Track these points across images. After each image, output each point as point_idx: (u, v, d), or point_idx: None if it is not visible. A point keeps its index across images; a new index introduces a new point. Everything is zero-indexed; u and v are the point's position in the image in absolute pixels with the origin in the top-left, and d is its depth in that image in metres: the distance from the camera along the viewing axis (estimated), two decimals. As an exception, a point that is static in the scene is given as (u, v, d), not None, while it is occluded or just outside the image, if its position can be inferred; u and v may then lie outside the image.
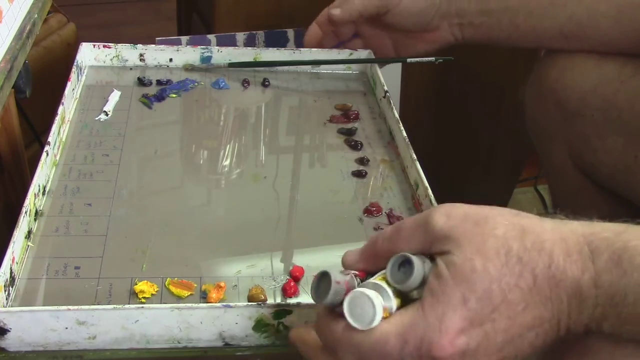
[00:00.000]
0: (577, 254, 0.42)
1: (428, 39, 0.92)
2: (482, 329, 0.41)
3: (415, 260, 0.43)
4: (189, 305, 0.56)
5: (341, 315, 0.44)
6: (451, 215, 0.43)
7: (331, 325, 0.45)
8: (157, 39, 0.99)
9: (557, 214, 0.45)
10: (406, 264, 0.43)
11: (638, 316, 0.41)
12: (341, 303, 0.44)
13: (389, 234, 0.46)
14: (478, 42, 0.91)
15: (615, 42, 0.81)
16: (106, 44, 0.92)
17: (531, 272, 0.41)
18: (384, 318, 0.42)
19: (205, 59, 0.94)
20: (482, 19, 0.88)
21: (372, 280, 0.44)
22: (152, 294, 0.59)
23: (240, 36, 1.03)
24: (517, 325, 0.42)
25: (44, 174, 0.69)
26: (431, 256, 0.44)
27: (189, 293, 0.60)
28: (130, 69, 0.93)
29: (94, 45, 0.91)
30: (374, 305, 0.42)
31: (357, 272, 0.46)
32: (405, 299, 0.44)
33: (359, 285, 0.45)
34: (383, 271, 0.45)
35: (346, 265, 0.48)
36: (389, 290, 0.43)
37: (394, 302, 0.43)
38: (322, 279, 0.45)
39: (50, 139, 0.72)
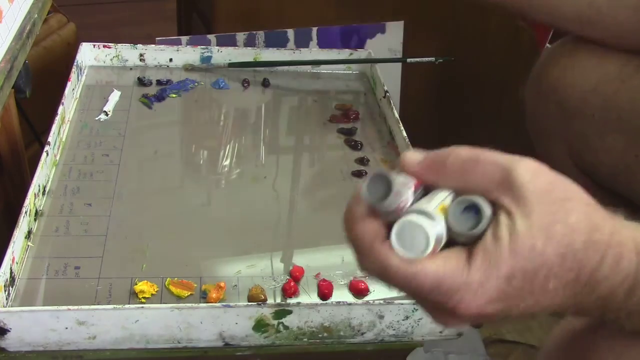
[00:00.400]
0: (627, 262, 0.42)
1: None
2: (508, 303, 0.41)
3: (485, 213, 0.40)
4: (189, 305, 0.56)
5: (381, 225, 0.42)
6: (537, 178, 0.41)
7: (370, 232, 0.42)
8: (157, 39, 0.99)
9: (619, 211, 0.45)
10: (472, 209, 0.41)
11: None
12: (391, 211, 0.41)
13: (463, 158, 0.42)
14: (505, 1, 0.88)
15: (630, 34, 0.81)
16: (106, 44, 0.92)
17: (578, 270, 0.41)
18: (432, 248, 0.40)
19: (205, 59, 0.94)
20: None
21: (430, 208, 0.41)
22: (152, 294, 0.59)
23: (240, 36, 1.03)
24: (539, 306, 0.42)
25: (44, 174, 0.69)
26: (493, 202, 0.41)
27: (189, 293, 0.60)
28: (130, 69, 0.93)
29: (94, 45, 0.91)
30: (428, 239, 0.40)
31: (413, 184, 0.42)
32: (451, 238, 0.42)
33: (412, 203, 0.41)
34: (440, 197, 0.42)
35: (404, 163, 0.44)
36: (444, 228, 0.40)
37: (443, 241, 0.41)
38: (378, 180, 0.41)
39: (50, 139, 0.72)
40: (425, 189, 0.43)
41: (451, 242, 0.42)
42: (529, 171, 0.41)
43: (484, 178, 0.41)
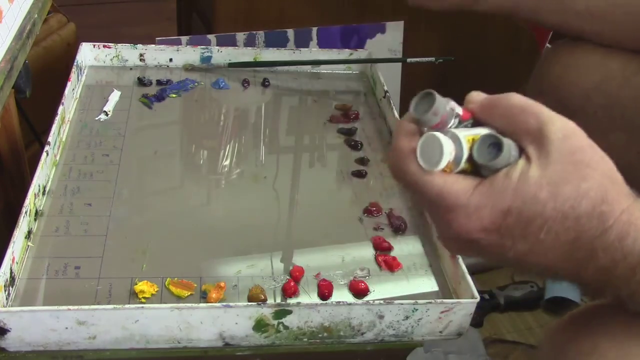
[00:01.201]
0: (632, 240, 0.42)
1: None
2: (501, 240, 0.43)
3: (506, 151, 0.43)
4: (189, 305, 0.56)
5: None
6: (567, 140, 0.43)
7: (404, 139, 0.46)
8: (157, 39, 0.99)
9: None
10: (497, 146, 0.44)
11: None
12: (430, 127, 0.45)
13: (512, 104, 0.45)
14: (501, 8, 0.88)
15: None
16: (106, 44, 0.92)
17: (578, 232, 0.43)
18: (444, 171, 0.44)
19: (205, 59, 0.94)
20: None
21: (461, 134, 0.44)
22: (152, 294, 0.59)
23: (240, 36, 1.03)
24: (533, 258, 0.44)
25: (44, 174, 0.69)
26: (522, 150, 0.44)
27: (189, 293, 0.60)
28: (130, 69, 0.93)
29: (94, 45, 0.91)
30: (442, 154, 0.43)
31: (460, 112, 0.46)
32: (476, 169, 0.45)
33: (452, 127, 0.45)
34: (479, 131, 0.45)
35: (468, 99, 0.48)
36: (465, 153, 0.44)
37: (462, 164, 0.44)
38: (426, 98, 0.45)
39: (50, 139, 0.72)
40: (474, 125, 0.46)
41: (476, 173, 0.45)
42: (563, 130, 0.44)
43: (522, 125, 0.44)
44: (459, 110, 0.46)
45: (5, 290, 0.57)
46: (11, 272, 0.58)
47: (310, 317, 0.58)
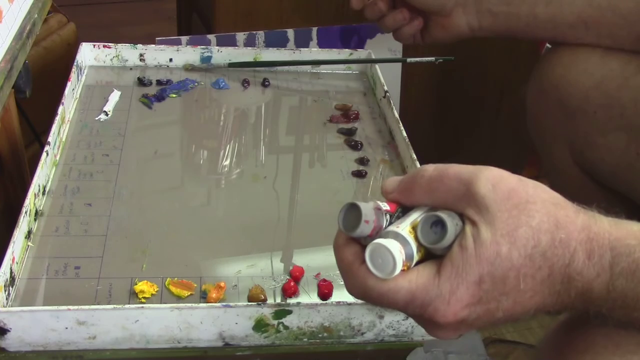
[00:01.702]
0: (598, 257, 0.43)
1: (443, 24, 0.91)
2: (486, 306, 0.43)
3: (449, 225, 0.43)
4: (189, 305, 0.56)
5: (363, 248, 0.45)
6: (496, 187, 0.43)
7: (349, 257, 0.45)
8: (157, 39, 0.99)
9: (591, 208, 0.45)
10: (439, 224, 0.43)
11: None
12: (366, 237, 0.44)
13: (429, 177, 0.45)
14: (494, 32, 0.90)
15: (635, 25, 0.81)
16: (106, 44, 0.92)
17: (550, 267, 0.43)
18: (402, 270, 0.43)
19: (205, 59, 0.94)
20: (501, 7, 0.87)
21: (400, 229, 0.44)
22: (152, 294, 0.59)
23: (240, 36, 1.03)
24: (520, 307, 0.43)
25: (44, 174, 0.69)
26: (461, 215, 0.44)
27: (189, 293, 0.60)
28: (130, 69, 0.93)
29: (94, 45, 0.91)
30: (394, 260, 0.42)
31: (387, 208, 0.46)
32: (428, 252, 0.45)
33: (386, 225, 0.45)
34: (413, 217, 0.45)
35: (384, 191, 0.48)
36: (414, 245, 0.43)
37: (415, 257, 0.44)
38: (352, 210, 0.45)
39: (50, 139, 0.72)
40: (404, 211, 0.47)
41: (431, 256, 0.44)
42: (489, 181, 0.43)
43: (449, 194, 0.44)
44: (385, 206, 0.46)
45: (5, 290, 0.57)
46: (11, 272, 0.58)
47: (310, 317, 0.58)
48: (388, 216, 0.45)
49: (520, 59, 1.19)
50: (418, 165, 0.74)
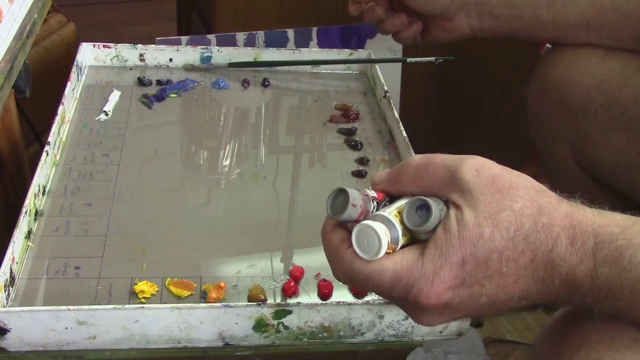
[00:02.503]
0: (581, 243, 0.43)
1: (445, 27, 0.91)
2: (470, 289, 0.43)
3: (434, 209, 0.43)
4: (189, 305, 0.56)
5: (350, 234, 0.45)
6: (480, 173, 0.44)
7: (335, 241, 0.46)
8: (157, 39, 0.99)
9: (575, 199, 0.46)
10: (424, 208, 0.44)
11: (631, 307, 0.43)
12: (353, 221, 0.45)
13: (415, 165, 0.46)
14: (496, 34, 0.90)
15: (638, 26, 0.81)
16: (106, 44, 0.92)
17: (532, 251, 0.43)
18: (387, 253, 0.44)
19: (205, 59, 0.94)
20: (503, 10, 0.87)
21: (386, 213, 0.45)
22: (152, 294, 0.59)
23: (240, 36, 1.03)
24: (504, 293, 0.44)
25: (44, 174, 0.69)
26: (446, 200, 0.45)
27: (189, 293, 0.60)
28: (130, 69, 0.93)
29: (94, 45, 0.91)
30: (380, 240, 0.43)
31: (374, 195, 0.46)
32: (413, 237, 0.45)
33: (373, 211, 0.46)
34: (400, 203, 0.46)
35: (372, 183, 0.49)
36: (399, 228, 0.44)
37: (401, 240, 0.44)
38: (340, 195, 0.46)
39: (50, 139, 0.72)
40: (391, 201, 0.47)
41: (416, 241, 0.45)
42: (473, 167, 0.45)
43: (434, 181, 0.45)
44: (373, 193, 0.47)
45: (5, 290, 0.57)
46: (11, 272, 0.58)
47: (310, 317, 0.58)
48: (375, 203, 0.46)
49: (520, 59, 1.19)
50: (418, 165, 0.74)
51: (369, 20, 0.93)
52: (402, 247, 0.45)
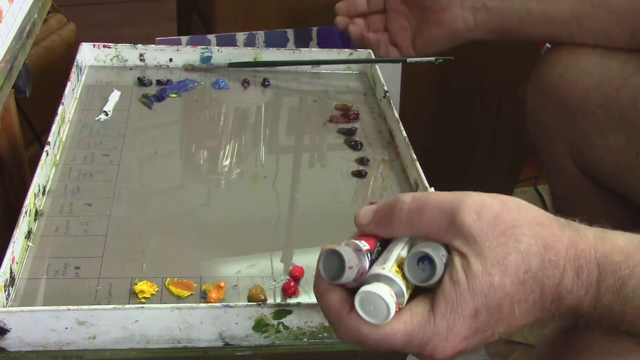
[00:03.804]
0: (586, 275, 0.43)
1: (439, 20, 0.91)
2: (483, 335, 0.43)
3: (438, 261, 0.42)
4: (189, 305, 0.56)
5: (348, 292, 0.44)
6: (481, 216, 0.43)
7: (336, 304, 0.44)
8: (157, 39, 0.99)
9: (575, 219, 0.45)
10: (426, 260, 0.43)
11: (633, 331, 0.43)
12: (351, 282, 0.43)
13: (409, 209, 0.44)
14: (489, 30, 0.90)
15: (628, 22, 0.81)
16: (106, 44, 0.92)
17: (541, 288, 0.43)
18: (395, 311, 0.42)
19: (205, 59, 0.94)
20: (495, 2, 0.88)
21: (386, 271, 0.43)
22: (152, 294, 0.59)
23: (240, 36, 1.03)
24: (514, 329, 0.44)
25: (44, 174, 0.69)
26: (446, 244, 0.43)
27: (189, 293, 0.60)
28: (130, 69, 0.93)
29: (94, 45, 0.91)
30: (388, 306, 0.42)
31: (367, 247, 0.44)
32: (417, 287, 0.44)
33: (369, 264, 0.44)
34: (396, 252, 0.44)
35: (358, 224, 0.47)
36: (403, 285, 0.43)
37: (405, 295, 0.43)
38: (331, 256, 0.43)
39: (50, 139, 0.72)
40: (382, 244, 0.46)
41: (418, 289, 0.44)
42: (473, 209, 0.43)
43: (432, 226, 0.44)
44: (364, 244, 0.44)
45: (5, 290, 0.57)
46: (11, 272, 0.58)
47: (310, 317, 0.58)
48: (369, 254, 0.44)
49: (520, 58, 1.19)
50: (418, 165, 0.74)
51: (353, 38, 0.95)
52: (408, 299, 0.43)
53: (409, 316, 0.42)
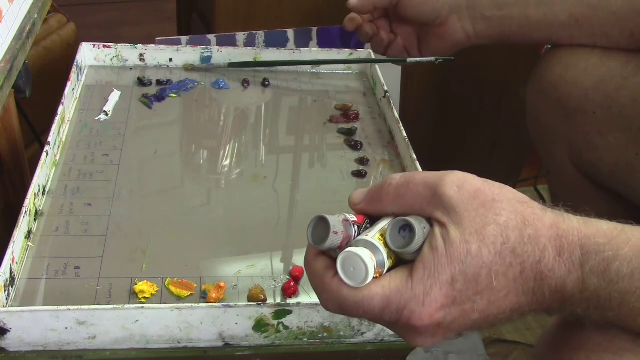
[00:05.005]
0: (568, 254, 0.43)
1: (440, 34, 0.92)
2: (461, 307, 0.43)
3: (417, 229, 0.43)
4: (189, 305, 0.56)
5: (333, 261, 0.45)
6: (462, 188, 0.44)
7: (320, 270, 0.46)
8: (157, 39, 0.99)
9: (559, 207, 0.46)
10: (407, 228, 0.44)
11: (621, 318, 0.43)
12: (336, 248, 0.45)
13: (396, 184, 0.46)
14: (489, 38, 0.91)
15: (627, 22, 0.81)
16: (106, 44, 0.92)
17: (521, 264, 0.43)
18: (375, 278, 0.43)
19: (205, 59, 0.94)
20: (493, 11, 0.88)
21: (369, 237, 0.44)
22: (152, 294, 0.59)
23: (240, 36, 1.03)
24: (495, 307, 0.44)
25: (44, 174, 0.69)
26: (429, 218, 0.45)
27: (189, 293, 0.60)
28: (130, 69, 0.93)
29: (94, 45, 0.91)
30: (366, 267, 0.43)
31: (355, 219, 0.46)
32: (399, 258, 0.45)
33: (355, 236, 0.45)
34: (382, 225, 0.45)
35: (351, 203, 0.48)
36: (384, 252, 0.44)
37: (386, 263, 0.44)
38: (320, 223, 0.45)
39: (50, 139, 0.72)
40: (372, 221, 0.47)
41: (402, 261, 0.45)
42: (454, 183, 0.44)
43: (416, 199, 0.45)
44: (353, 217, 0.46)
45: (5, 290, 0.57)
46: (11, 272, 0.58)
47: (310, 317, 0.58)
48: (356, 227, 0.46)
49: (520, 59, 1.19)
50: (418, 165, 0.74)
51: (363, 39, 0.95)
52: (389, 269, 0.44)
53: (387, 281, 0.43)
